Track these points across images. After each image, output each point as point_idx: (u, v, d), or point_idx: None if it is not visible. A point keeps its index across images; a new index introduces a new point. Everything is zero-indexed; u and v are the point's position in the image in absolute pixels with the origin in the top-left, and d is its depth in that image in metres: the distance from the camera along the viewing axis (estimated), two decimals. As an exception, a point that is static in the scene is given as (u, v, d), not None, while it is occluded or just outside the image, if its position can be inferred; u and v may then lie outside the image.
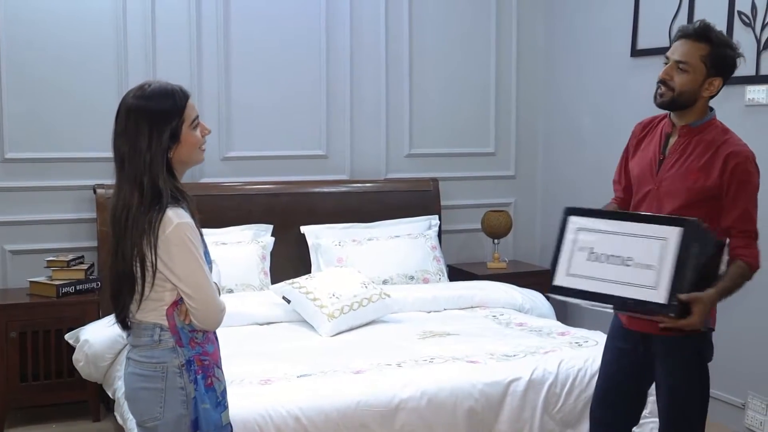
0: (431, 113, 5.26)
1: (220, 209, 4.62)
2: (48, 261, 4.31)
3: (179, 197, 2.21)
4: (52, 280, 4.26)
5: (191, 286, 2.18)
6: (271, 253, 4.63)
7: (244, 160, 4.88)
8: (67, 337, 4.06)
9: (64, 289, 4.21)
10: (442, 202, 5.19)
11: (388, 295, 4.20)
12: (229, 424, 2.35)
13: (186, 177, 5.23)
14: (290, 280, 4.24)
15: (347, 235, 4.76)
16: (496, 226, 5.09)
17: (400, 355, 3.55)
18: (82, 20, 4.51)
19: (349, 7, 5.01)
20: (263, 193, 4.81)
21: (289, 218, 4.79)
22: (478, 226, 5.21)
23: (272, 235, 4.70)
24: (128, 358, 2.30)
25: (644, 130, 2.82)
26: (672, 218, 2.49)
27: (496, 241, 5.15)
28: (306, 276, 4.32)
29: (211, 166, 4.76)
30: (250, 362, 3.45)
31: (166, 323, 2.22)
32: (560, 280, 2.64)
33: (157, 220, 2.14)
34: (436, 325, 4.09)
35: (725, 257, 2.53)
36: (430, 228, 4.96)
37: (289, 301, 4.14)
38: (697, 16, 4.24)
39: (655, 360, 2.71)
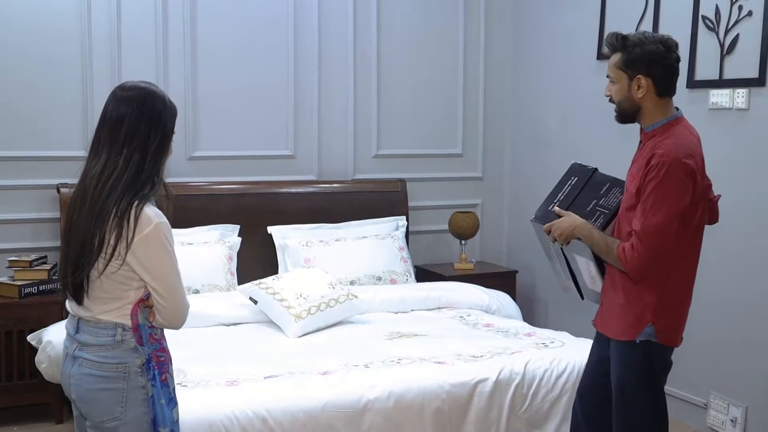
0: (399, 114, 5.27)
1: (186, 209, 4.56)
2: (10, 261, 4.26)
3: (156, 190, 2.25)
4: (14, 280, 4.20)
5: (165, 285, 2.20)
6: (238, 254, 4.61)
7: (210, 159, 4.85)
8: (29, 338, 4.01)
9: (27, 290, 4.16)
10: (410, 203, 5.20)
11: (356, 296, 4.20)
12: (179, 420, 2.34)
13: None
14: (257, 281, 4.22)
15: (314, 236, 4.75)
16: (463, 228, 5.11)
17: (368, 356, 3.55)
18: (45, 15, 4.44)
19: (317, 7, 5.00)
20: (230, 194, 4.79)
21: (256, 219, 4.77)
22: (446, 227, 5.23)
23: (239, 235, 4.67)
24: (76, 357, 2.26)
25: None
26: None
27: (463, 242, 5.17)
28: (273, 277, 4.30)
29: (177, 166, 4.71)
30: (216, 363, 3.43)
31: (128, 323, 2.22)
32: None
33: (134, 217, 2.15)
34: (403, 326, 4.09)
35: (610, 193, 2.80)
36: (397, 229, 4.97)
37: (255, 302, 4.12)
38: (662, 21, 4.30)
39: (611, 361, 2.75)
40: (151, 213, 2.19)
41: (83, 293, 2.22)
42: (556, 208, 2.82)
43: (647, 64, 2.64)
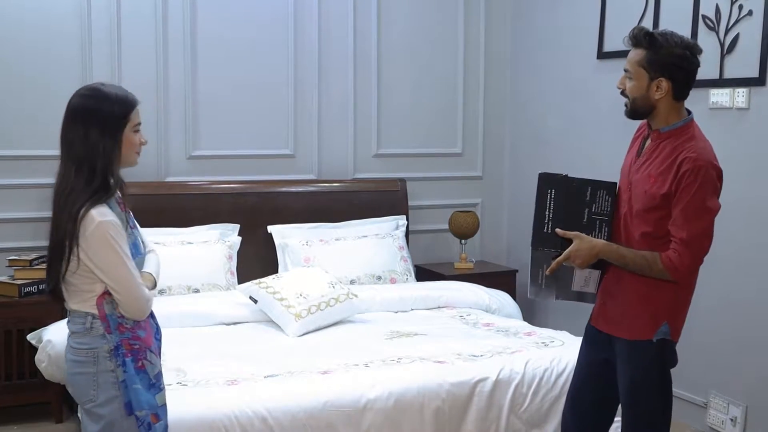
0: (399, 113, 5.27)
1: (186, 209, 4.58)
2: (10, 260, 4.25)
3: (112, 193, 2.39)
4: (14, 279, 4.20)
5: (115, 279, 2.34)
6: (238, 253, 4.61)
7: (210, 159, 4.84)
8: (29, 337, 4.00)
9: (27, 289, 4.15)
10: (410, 203, 5.20)
11: (356, 295, 4.20)
12: (165, 405, 2.47)
13: (151, 176, 5.16)
14: (257, 280, 4.22)
15: (314, 235, 4.75)
16: (463, 227, 5.11)
17: (368, 355, 3.55)
18: (45, 14, 4.44)
19: (317, 5, 4.99)
20: (230, 193, 4.78)
21: (256, 218, 4.77)
22: (446, 226, 5.22)
23: (239, 234, 4.67)
24: (67, 345, 2.46)
25: (639, 130, 2.84)
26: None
27: (463, 241, 5.17)
28: (273, 276, 4.30)
29: (177, 165, 4.72)
30: (216, 363, 3.43)
31: (97, 312, 2.37)
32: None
33: (80, 218, 2.29)
34: (403, 325, 4.09)
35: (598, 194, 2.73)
36: (397, 228, 4.97)
37: (255, 301, 4.12)
38: (662, 20, 4.30)
39: (617, 362, 2.74)
40: (95, 213, 2.31)
41: (60, 289, 2.40)
42: (558, 230, 2.73)
43: (671, 69, 2.60)
